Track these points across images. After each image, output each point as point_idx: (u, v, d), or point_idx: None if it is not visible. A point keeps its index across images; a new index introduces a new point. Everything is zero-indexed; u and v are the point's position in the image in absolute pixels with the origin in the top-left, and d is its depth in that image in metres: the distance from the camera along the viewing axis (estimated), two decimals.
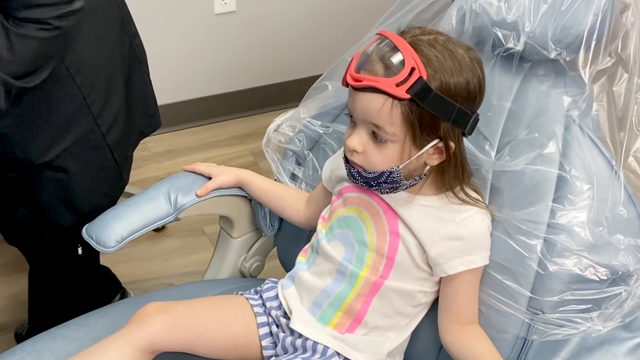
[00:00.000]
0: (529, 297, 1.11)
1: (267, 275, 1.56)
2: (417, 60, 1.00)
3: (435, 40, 1.04)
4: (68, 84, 1.29)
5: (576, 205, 1.09)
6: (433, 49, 1.02)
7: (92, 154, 1.37)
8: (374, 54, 1.04)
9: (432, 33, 1.06)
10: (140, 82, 1.52)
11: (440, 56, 1.02)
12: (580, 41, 1.08)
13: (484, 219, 1.12)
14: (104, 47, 1.37)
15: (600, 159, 1.10)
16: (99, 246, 1.26)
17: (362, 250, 1.16)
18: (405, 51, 1.01)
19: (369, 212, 1.16)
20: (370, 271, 1.15)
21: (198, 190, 1.35)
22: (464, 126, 1.06)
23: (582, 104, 1.11)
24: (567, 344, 1.10)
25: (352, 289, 1.16)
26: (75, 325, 1.26)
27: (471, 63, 1.04)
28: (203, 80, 2.63)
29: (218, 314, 1.21)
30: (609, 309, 1.08)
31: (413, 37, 1.04)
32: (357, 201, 1.18)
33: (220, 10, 2.50)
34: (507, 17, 1.11)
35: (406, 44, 1.02)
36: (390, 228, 1.14)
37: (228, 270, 1.50)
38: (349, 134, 1.08)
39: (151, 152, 2.50)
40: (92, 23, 1.32)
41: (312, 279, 1.21)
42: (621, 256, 1.08)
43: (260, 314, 1.23)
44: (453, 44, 1.05)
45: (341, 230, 1.19)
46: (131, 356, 1.11)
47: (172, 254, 2.15)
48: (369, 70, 1.03)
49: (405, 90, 1.00)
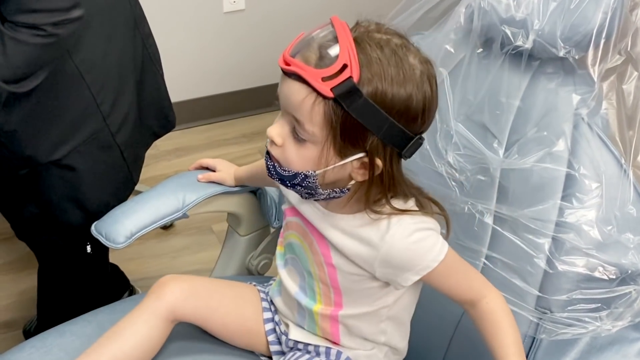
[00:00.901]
0: (537, 296, 1.11)
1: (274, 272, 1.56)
2: (353, 58, 0.89)
3: (387, 42, 0.92)
4: (77, 83, 1.29)
5: (585, 203, 1.08)
6: (379, 50, 0.90)
7: (101, 153, 1.37)
8: (314, 40, 0.93)
9: (389, 33, 0.94)
10: (153, 82, 1.52)
11: (384, 60, 0.90)
12: (590, 39, 1.07)
13: (412, 226, 1.00)
14: (115, 46, 1.37)
15: (609, 157, 1.10)
16: (109, 242, 1.26)
17: (310, 281, 1.11)
18: (344, 44, 0.89)
19: (306, 241, 1.10)
20: (324, 303, 1.11)
21: (200, 175, 1.37)
22: (400, 146, 0.93)
23: (591, 103, 1.10)
24: (577, 344, 1.10)
25: (315, 326, 1.15)
26: (84, 322, 1.27)
27: (420, 77, 0.92)
28: (212, 78, 2.64)
29: (233, 293, 1.22)
30: (618, 308, 1.08)
31: (364, 31, 0.93)
32: (295, 227, 1.12)
33: (229, 9, 2.51)
34: (515, 15, 1.10)
35: (349, 37, 0.91)
36: (324, 259, 1.07)
37: (235, 268, 1.50)
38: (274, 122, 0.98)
39: (160, 150, 2.50)
40: (104, 22, 1.33)
41: (283, 307, 1.20)
42: (631, 255, 1.08)
43: (267, 309, 1.23)
44: (406, 51, 0.92)
45: (291, 255, 1.15)
46: (157, 328, 1.13)
47: (180, 251, 2.15)
48: (303, 56, 0.91)
49: (331, 87, 0.88)
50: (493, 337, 1.03)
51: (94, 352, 1.11)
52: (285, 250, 1.17)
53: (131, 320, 1.14)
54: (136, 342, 1.12)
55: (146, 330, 1.13)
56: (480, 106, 1.17)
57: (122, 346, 1.11)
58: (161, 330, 1.14)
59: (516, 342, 1.02)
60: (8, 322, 1.90)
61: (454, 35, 1.19)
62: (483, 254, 1.14)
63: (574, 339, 1.10)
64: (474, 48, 1.18)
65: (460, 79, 1.19)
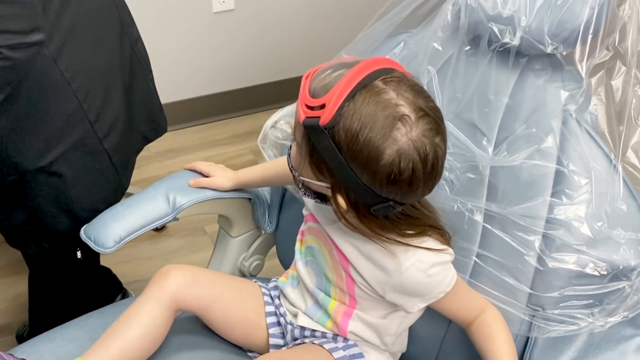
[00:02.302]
0: (528, 293, 1.11)
1: (268, 274, 1.55)
2: (334, 103, 0.90)
3: (390, 106, 0.91)
4: (63, 90, 1.28)
5: (574, 200, 1.08)
6: (371, 107, 0.90)
7: (88, 159, 1.36)
8: (335, 70, 0.95)
9: (406, 98, 0.92)
10: (143, 86, 1.51)
11: (368, 118, 0.90)
12: (577, 35, 1.07)
13: (429, 259, 1.04)
14: (102, 51, 1.36)
15: (599, 153, 1.09)
16: (98, 247, 1.26)
17: (327, 284, 1.16)
18: (337, 87, 0.91)
19: (326, 248, 1.14)
20: (339, 301, 1.16)
21: (191, 180, 1.36)
22: (365, 201, 0.95)
23: (579, 98, 1.10)
24: (574, 343, 1.10)
25: (327, 319, 1.17)
26: (76, 326, 1.26)
27: (408, 149, 0.91)
28: (203, 78, 2.63)
29: (235, 285, 1.24)
30: (610, 304, 1.08)
31: (380, 85, 0.92)
32: (316, 232, 1.17)
33: (218, 9, 2.50)
34: (502, 11, 1.10)
35: (352, 83, 0.91)
36: (344, 267, 1.12)
37: (228, 269, 1.50)
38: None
39: (152, 151, 2.49)
40: (89, 28, 1.32)
41: (296, 298, 1.22)
42: (622, 251, 1.07)
43: (269, 303, 1.24)
44: (405, 122, 0.91)
45: (311, 258, 1.19)
46: (162, 317, 1.14)
47: (173, 253, 2.15)
48: (328, 85, 0.94)
49: (305, 116, 0.93)
50: (489, 349, 1.08)
51: (102, 344, 1.12)
52: (306, 252, 1.20)
53: (135, 311, 1.15)
54: (142, 332, 1.13)
55: (150, 320, 1.14)
56: (468, 104, 1.17)
57: (129, 337, 1.12)
58: (165, 319, 1.15)
59: (512, 354, 1.07)
60: (1, 327, 1.89)
61: (441, 33, 1.19)
62: (474, 252, 1.14)
63: (570, 338, 1.09)
64: (461, 45, 1.18)
65: (449, 77, 1.19)
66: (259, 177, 1.37)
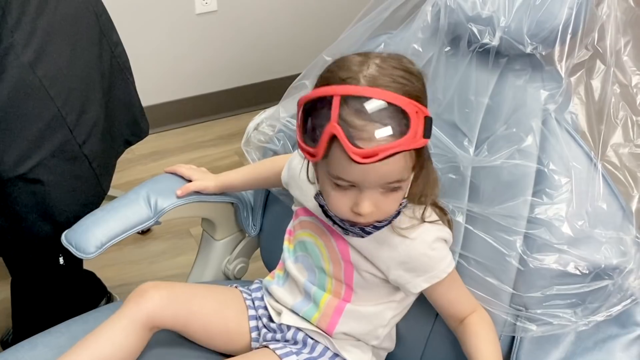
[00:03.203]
0: (511, 293, 1.11)
1: (252, 276, 1.55)
2: (407, 101, 0.92)
3: (383, 59, 0.97)
4: (41, 96, 1.27)
5: (555, 199, 1.08)
6: (390, 71, 0.95)
7: (68, 164, 1.35)
8: (355, 118, 0.91)
9: (366, 60, 0.97)
10: (123, 90, 1.50)
11: (403, 79, 0.95)
12: (556, 35, 1.07)
13: (433, 233, 1.08)
14: (80, 57, 1.35)
15: (579, 152, 1.10)
16: (79, 252, 1.25)
17: (322, 276, 1.15)
18: (391, 98, 0.91)
19: (322, 239, 1.14)
20: (333, 294, 1.15)
21: (178, 190, 1.34)
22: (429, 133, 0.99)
23: (559, 98, 1.10)
24: (560, 343, 1.10)
25: (315, 312, 1.16)
26: (57, 333, 1.26)
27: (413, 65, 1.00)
28: (186, 80, 2.62)
29: (214, 296, 1.22)
30: (593, 303, 1.08)
31: (366, 77, 0.94)
32: (310, 226, 1.16)
33: (201, 10, 2.49)
34: (482, 12, 1.10)
35: (380, 90, 0.92)
36: (342, 256, 1.12)
37: (212, 273, 1.49)
38: (348, 201, 0.98)
39: (135, 154, 2.48)
40: (67, 34, 1.31)
41: (283, 294, 1.20)
42: (603, 249, 1.07)
43: (251, 307, 1.24)
44: (393, 58, 0.99)
45: (302, 253, 1.18)
46: (135, 334, 1.13)
47: (158, 256, 2.14)
48: (367, 139, 0.91)
49: (422, 137, 0.94)
50: (474, 349, 1.08)
51: (68, 358, 1.11)
52: (297, 248, 1.19)
53: (108, 327, 1.13)
54: (113, 349, 1.12)
55: (123, 338, 1.12)
56: (449, 105, 1.17)
57: (98, 353, 1.11)
58: (139, 338, 1.14)
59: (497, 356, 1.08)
60: None
61: (421, 34, 1.19)
62: (456, 253, 1.14)
63: (556, 338, 1.09)
64: (441, 47, 1.18)
65: (429, 77, 1.18)
66: (240, 180, 1.37)
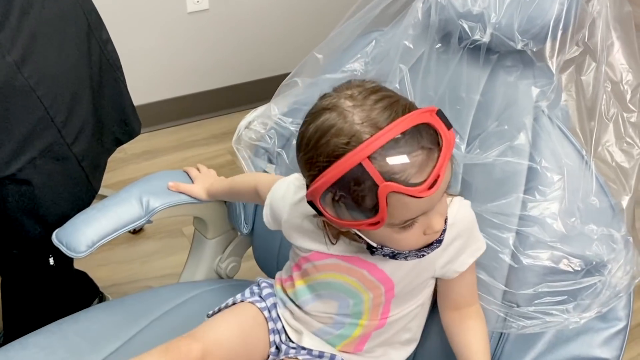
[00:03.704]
0: (503, 290, 1.11)
1: (244, 275, 1.54)
2: (415, 114, 0.89)
3: (362, 108, 0.90)
4: (28, 96, 1.26)
5: (547, 196, 1.08)
6: (379, 104, 0.90)
7: (57, 165, 1.34)
8: (395, 165, 0.87)
9: (342, 112, 0.90)
10: (113, 89, 1.49)
11: (388, 100, 0.91)
12: (547, 31, 1.07)
13: (466, 204, 1.07)
14: (67, 56, 1.34)
15: (570, 149, 1.10)
16: (70, 251, 1.24)
17: (357, 303, 1.09)
18: (403, 124, 0.87)
19: (353, 276, 1.07)
20: (370, 317, 1.10)
21: (171, 183, 1.36)
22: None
23: (550, 95, 1.10)
24: (543, 336, 1.10)
25: (343, 340, 1.12)
26: (48, 332, 1.25)
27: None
28: (178, 79, 2.62)
29: (243, 341, 1.14)
30: (585, 300, 1.08)
31: (364, 125, 0.88)
32: (333, 267, 1.08)
33: (192, 9, 2.49)
34: (472, 9, 1.10)
35: (387, 127, 0.87)
36: (380, 280, 1.06)
37: (204, 272, 1.49)
38: (418, 231, 0.94)
39: (128, 153, 2.48)
40: (53, 33, 1.30)
41: (306, 317, 1.14)
42: (595, 246, 1.07)
43: (269, 318, 1.16)
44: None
45: (326, 291, 1.10)
46: None
47: (150, 256, 2.13)
48: (418, 171, 0.88)
49: (447, 130, 0.91)
50: (468, 343, 1.08)
51: None
52: (316, 287, 1.11)
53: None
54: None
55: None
56: (440, 102, 1.17)
57: None
58: None
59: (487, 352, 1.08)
60: None
61: (412, 30, 1.19)
62: None
63: (540, 332, 1.10)
64: (432, 43, 1.18)
65: (421, 75, 1.19)
66: (226, 191, 1.35)
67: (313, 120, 0.92)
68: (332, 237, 1.04)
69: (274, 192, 1.14)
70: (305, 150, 0.92)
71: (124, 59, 1.54)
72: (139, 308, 1.33)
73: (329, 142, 0.89)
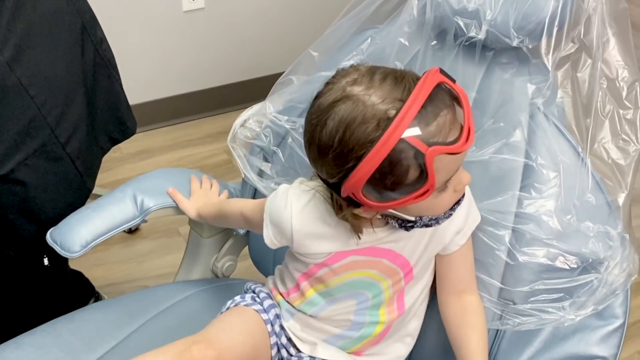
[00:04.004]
0: (499, 287, 1.11)
1: (241, 275, 1.54)
2: (429, 76, 0.91)
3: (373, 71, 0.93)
4: (20, 96, 1.25)
5: (543, 193, 1.08)
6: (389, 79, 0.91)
7: (51, 164, 1.33)
8: (431, 128, 0.88)
9: (359, 76, 0.92)
10: (108, 88, 1.49)
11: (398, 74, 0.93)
12: (542, 28, 1.06)
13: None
14: (61, 56, 1.33)
15: (566, 146, 1.09)
16: (64, 251, 1.24)
17: (377, 296, 1.09)
18: (422, 89, 0.89)
19: (375, 269, 1.07)
20: (388, 305, 1.10)
21: (170, 188, 1.35)
22: None
23: (546, 92, 1.09)
24: (540, 334, 1.10)
25: (374, 330, 1.11)
26: (43, 332, 1.25)
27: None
28: (174, 78, 2.61)
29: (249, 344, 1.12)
30: (581, 297, 1.08)
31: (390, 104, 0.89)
32: (356, 265, 1.07)
33: (188, 8, 2.48)
34: (468, 5, 1.09)
35: (411, 97, 0.88)
36: (402, 267, 1.07)
37: (200, 271, 1.48)
38: (451, 191, 0.97)
39: (124, 152, 2.47)
40: (46, 32, 1.29)
41: (320, 325, 1.12)
42: (591, 243, 1.07)
43: (272, 333, 1.15)
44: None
45: (345, 292, 1.09)
46: None
47: (147, 255, 2.13)
48: (452, 128, 0.91)
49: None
50: (468, 338, 1.07)
51: None
52: (333, 292, 1.09)
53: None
54: None
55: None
56: None
57: None
58: None
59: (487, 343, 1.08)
60: None
61: (407, 28, 1.18)
62: None
63: (536, 329, 1.09)
64: (428, 40, 1.17)
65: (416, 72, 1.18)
66: (213, 215, 1.31)
67: (326, 118, 0.90)
68: (358, 233, 1.02)
69: (270, 209, 1.09)
70: (332, 150, 0.90)
71: (119, 58, 1.54)
72: (134, 307, 1.33)
73: (358, 131, 0.87)
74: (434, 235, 1.07)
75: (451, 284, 1.11)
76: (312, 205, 1.04)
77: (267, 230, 1.09)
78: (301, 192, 1.06)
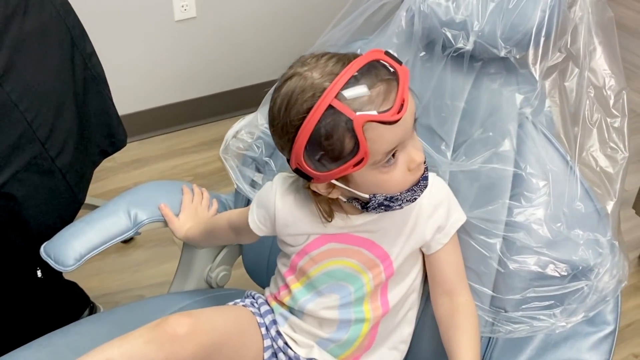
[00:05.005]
0: (491, 295, 1.12)
1: (235, 284, 1.54)
2: (370, 53, 0.96)
3: (324, 55, 0.99)
4: (10, 111, 1.26)
5: (533, 202, 1.09)
6: (330, 57, 0.98)
7: (41, 178, 1.34)
8: (362, 98, 0.92)
9: (310, 58, 0.99)
10: (98, 102, 1.49)
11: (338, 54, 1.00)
12: (529, 38, 1.07)
13: (440, 179, 1.13)
14: (50, 70, 1.34)
15: (555, 155, 1.10)
16: (58, 265, 1.24)
17: (359, 288, 1.11)
18: (359, 60, 0.94)
19: (352, 258, 1.10)
20: (372, 300, 1.12)
21: (162, 204, 1.35)
22: None
23: (534, 101, 1.10)
24: (532, 341, 1.11)
25: (361, 329, 1.13)
26: (38, 346, 1.25)
27: None
28: (166, 87, 2.61)
29: (235, 325, 1.14)
30: (571, 304, 1.08)
31: (324, 70, 0.95)
32: (332, 253, 1.10)
33: (180, 17, 2.48)
34: (455, 17, 1.10)
35: (348, 66, 0.93)
36: (379, 256, 1.09)
37: (194, 281, 1.49)
38: (402, 167, 0.98)
39: (117, 162, 2.47)
40: (35, 47, 1.30)
41: (310, 328, 1.14)
42: (581, 251, 1.08)
43: (265, 336, 1.16)
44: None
45: (328, 284, 1.12)
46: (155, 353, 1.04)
47: (142, 265, 2.13)
48: (384, 99, 0.93)
49: (400, 65, 0.97)
50: (461, 333, 1.08)
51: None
52: (315, 283, 1.12)
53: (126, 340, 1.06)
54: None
55: (143, 349, 1.04)
56: (426, 109, 1.17)
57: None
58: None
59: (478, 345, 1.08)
60: None
61: (396, 39, 1.19)
62: None
63: (528, 337, 1.10)
64: (416, 52, 1.18)
65: None
66: (201, 233, 1.32)
67: (277, 95, 0.98)
68: (326, 215, 1.07)
69: (259, 193, 1.16)
70: (278, 120, 0.97)
71: (111, 67, 1.54)
72: (128, 320, 1.33)
73: (297, 102, 0.94)
74: (414, 230, 1.09)
75: (440, 285, 1.12)
76: (294, 188, 1.11)
77: (252, 215, 1.15)
78: (286, 176, 1.13)
